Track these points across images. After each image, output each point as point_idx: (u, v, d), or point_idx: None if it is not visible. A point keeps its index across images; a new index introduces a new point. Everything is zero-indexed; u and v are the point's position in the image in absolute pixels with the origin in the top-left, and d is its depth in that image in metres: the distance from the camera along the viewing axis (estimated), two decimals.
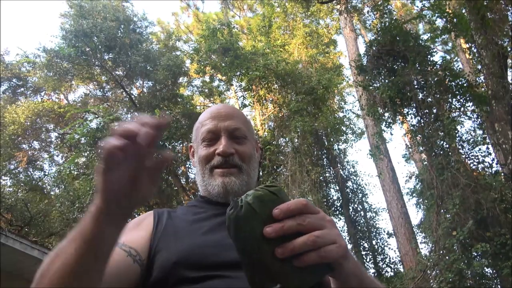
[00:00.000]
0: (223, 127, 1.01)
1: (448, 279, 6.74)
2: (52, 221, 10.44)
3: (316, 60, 14.61)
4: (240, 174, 0.99)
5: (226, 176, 0.98)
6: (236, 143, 1.01)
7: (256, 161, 1.08)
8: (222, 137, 1.00)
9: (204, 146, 1.02)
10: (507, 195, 6.69)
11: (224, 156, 0.98)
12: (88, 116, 13.23)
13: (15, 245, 4.85)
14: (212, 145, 1.01)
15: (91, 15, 12.45)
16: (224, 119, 1.03)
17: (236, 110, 1.10)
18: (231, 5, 20.22)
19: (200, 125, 1.06)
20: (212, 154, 1.00)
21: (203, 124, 1.05)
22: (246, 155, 1.02)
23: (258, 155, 1.12)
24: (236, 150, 1.00)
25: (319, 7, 14.38)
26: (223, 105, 1.11)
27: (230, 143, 1.00)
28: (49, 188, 13.59)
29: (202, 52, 12.92)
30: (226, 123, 1.02)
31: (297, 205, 0.58)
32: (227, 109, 1.07)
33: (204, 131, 1.03)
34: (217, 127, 1.02)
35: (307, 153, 11.79)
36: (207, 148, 1.02)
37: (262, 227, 0.56)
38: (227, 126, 1.02)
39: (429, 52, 8.56)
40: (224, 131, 1.01)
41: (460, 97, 8.15)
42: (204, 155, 1.01)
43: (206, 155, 1.01)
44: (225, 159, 0.98)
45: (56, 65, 12.61)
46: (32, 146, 14.42)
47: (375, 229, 13.23)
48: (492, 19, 7.25)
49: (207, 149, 1.01)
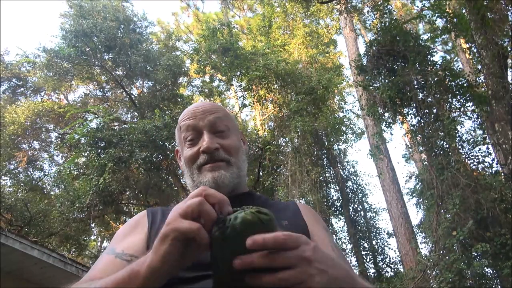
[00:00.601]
0: (203, 123, 0.98)
1: (448, 279, 6.74)
2: (52, 221, 10.43)
3: (316, 60, 14.61)
4: (229, 167, 0.96)
5: (215, 171, 0.94)
6: (219, 137, 0.98)
7: (244, 153, 1.05)
8: (204, 133, 0.97)
9: (188, 146, 0.99)
10: (507, 195, 6.68)
11: (209, 153, 0.95)
12: (88, 116, 13.24)
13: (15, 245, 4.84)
14: (196, 144, 0.98)
15: (91, 15, 12.45)
16: (203, 115, 0.99)
17: (214, 105, 1.06)
18: (231, 5, 20.23)
19: (180, 126, 1.03)
20: (196, 153, 0.97)
21: (182, 124, 1.02)
22: (231, 147, 0.98)
23: (245, 147, 1.09)
24: (220, 145, 0.97)
25: (319, 7, 14.38)
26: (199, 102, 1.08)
27: (213, 138, 0.97)
28: (49, 188, 13.60)
29: (202, 52, 12.92)
30: (206, 119, 0.99)
31: (274, 240, 0.56)
32: (204, 105, 1.04)
33: (184, 129, 1.00)
34: (197, 124, 0.98)
35: (307, 153, 11.79)
36: (191, 147, 0.99)
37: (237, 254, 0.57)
38: (207, 121, 0.98)
39: (429, 52, 8.55)
40: (205, 127, 0.98)
41: (460, 97, 8.15)
42: (189, 155, 0.98)
43: (191, 155, 0.98)
44: (211, 155, 0.95)
45: (56, 65, 12.61)
46: (32, 146, 14.42)
47: (375, 229, 13.23)
48: (492, 19, 7.25)
49: (191, 149, 0.98)
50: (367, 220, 13.34)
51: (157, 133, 9.86)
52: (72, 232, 11.07)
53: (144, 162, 9.71)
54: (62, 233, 10.82)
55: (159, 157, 10.42)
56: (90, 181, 9.45)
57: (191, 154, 0.98)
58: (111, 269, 0.84)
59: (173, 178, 11.94)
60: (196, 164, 0.97)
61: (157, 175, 10.86)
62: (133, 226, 0.97)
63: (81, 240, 11.83)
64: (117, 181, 9.94)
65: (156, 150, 10.09)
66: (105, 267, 0.86)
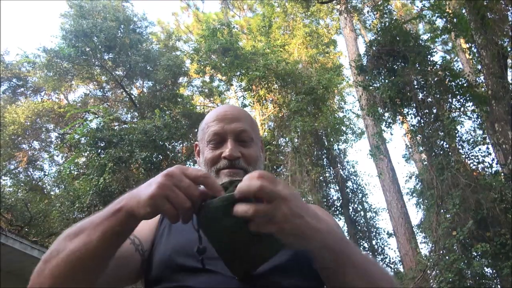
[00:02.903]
0: (229, 130, 1.01)
1: (448, 279, 6.74)
2: (52, 221, 10.43)
3: (316, 60, 14.61)
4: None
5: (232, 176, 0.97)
6: (242, 146, 1.01)
7: (262, 163, 1.09)
8: (228, 140, 1.00)
9: (210, 149, 1.02)
10: (507, 195, 6.68)
11: (230, 160, 0.98)
12: (88, 116, 13.23)
13: (15, 245, 4.85)
14: (218, 148, 1.01)
15: (91, 15, 12.45)
16: (231, 121, 1.02)
17: (242, 112, 1.09)
18: (231, 5, 20.23)
19: (206, 126, 1.05)
20: (218, 157, 1.00)
21: (209, 125, 1.04)
22: (252, 158, 1.02)
23: (263, 155, 1.13)
24: (242, 154, 1.00)
25: (319, 7, 14.39)
26: (229, 106, 1.10)
27: (236, 146, 1.00)
28: (49, 188, 13.60)
29: (202, 52, 12.93)
30: (232, 126, 1.01)
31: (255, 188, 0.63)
32: (233, 111, 1.06)
33: (211, 133, 1.02)
34: (224, 130, 1.01)
35: (307, 153, 11.79)
36: (213, 150, 1.01)
37: (230, 221, 0.65)
38: (233, 129, 1.01)
39: (429, 52, 8.55)
40: (230, 134, 1.01)
41: (460, 97, 8.15)
42: (210, 157, 1.01)
43: (212, 157, 1.00)
44: (231, 162, 0.98)
45: (56, 65, 12.61)
46: (32, 146, 14.43)
47: (375, 229, 13.23)
48: (492, 19, 7.25)
49: (213, 152, 1.01)
50: (367, 220, 13.35)
51: (157, 133, 9.85)
52: None
53: (144, 162, 9.71)
54: None
55: (159, 157, 10.41)
56: (90, 181, 9.44)
57: (212, 157, 1.01)
58: None
59: None
60: (215, 167, 1.00)
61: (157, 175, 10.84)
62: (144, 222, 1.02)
63: None
64: (117, 181, 9.93)
65: (156, 150, 10.08)
66: None
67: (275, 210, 0.62)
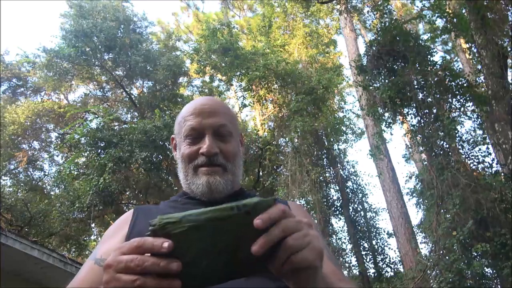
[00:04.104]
0: (207, 125, 0.97)
1: (448, 279, 6.74)
2: (52, 221, 10.44)
3: (316, 60, 14.61)
4: (224, 174, 0.96)
5: (210, 175, 0.94)
6: (220, 141, 0.97)
7: (241, 158, 1.04)
8: (206, 136, 0.96)
9: (188, 144, 0.98)
10: (507, 195, 6.68)
11: (208, 156, 0.95)
12: (88, 116, 13.24)
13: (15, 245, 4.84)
14: (196, 143, 0.97)
15: (91, 15, 12.46)
16: (209, 115, 0.98)
17: (221, 105, 1.04)
18: (231, 5, 20.23)
19: (183, 120, 1.01)
20: (195, 152, 0.96)
21: (186, 119, 1.00)
22: (230, 154, 0.98)
23: (243, 149, 1.09)
24: (220, 149, 0.96)
25: (319, 7, 14.38)
26: (207, 99, 1.04)
27: (215, 141, 0.96)
28: (49, 188, 13.60)
29: (202, 52, 12.92)
30: (210, 120, 0.97)
31: (278, 213, 0.56)
32: (211, 104, 1.01)
33: (187, 128, 0.98)
34: (201, 125, 0.97)
35: (307, 153, 11.80)
36: (190, 146, 0.97)
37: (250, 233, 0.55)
38: (211, 124, 0.97)
39: (429, 52, 8.55)
40: (208, 129, 0.97)
41: (460, 97, 8.15)
42: (188, 153, 0.97)
43: (190, 153, 0.97)
44: (209, 158, 0.95)
45: (56, 65, 12.61)
46: (32, 146, 14.43)
47: (375, 229, 13.23)
48: (492, 19, 7.25)
49: (190, 147, 0.97)
50: (367, 220, 13.34)
51: (157, 133, 9.86)
52: (72, 232, 11.08)
53: (144, 162, 9.71)
54: (62, 233, 10.83)
55: (159, 157, 10.41)
56: (90, 181, 9.45)
57: (190, 153, 0.97)
58: (90, 277, 0.85)
59: (173, 178, 11.93)
60: (192, 164, 0.97)
61: (157, 175, 10.86)
62: (118, 227, 0.96)
63: (81, 240, 11.85)
64: (117, 181, 9.93)
65: (156, 150, 10.08)
66: (86, 275, 0.86)
67: (308, 233, 0.57)
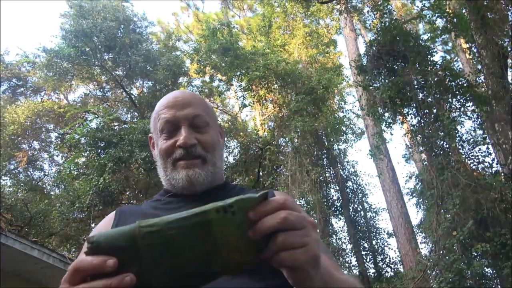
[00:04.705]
0: (181, 116, 0.94)
1: (448, 279, 6.74)
2: (52, 221, 10.43)
3: (316, 60, 14.61)
4: (204, 165, 0.94)
5: (189, 168, 0.92)
6: (197, 132, 0.95)
7: (221, 148, 1.02)
8: (182, 127, 0.93)
9: (164, 139, 0.95)
10: (507, 195, 6.68)
11: (186, 148, 0.92)
12: (88, 116, 13.24)
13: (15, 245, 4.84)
14: (172, 137, 0.94)
15: (91, 15, 12.45)
16: (182, 107, 0.95)
17: (195, 96, 1.02)
18: (231, 5, 20.23)
19: (157, 115, 0.98)
20: (172, 146, 0.94)
21: (160, 114, 0.97)
22: (209, 144, 0.95)
23: (222, 141, 1.06)
24: (198, 140, 0.94)
25: (319, 7, 14.39)
26: (180, 92, 1.01)
27: (191, 133, 0.94)
28: (49, 188, 13.60)
29: (202, 52, 12.92)
30: (184, 112, 0.95)
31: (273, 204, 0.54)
32: (184, 96, 0.99)
33: (162, 122, 0.95)
34: (175, 117, 0.94)
35: (307, 153, 11.80)
36: (166, 140, 0.95)
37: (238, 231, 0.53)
38: (186, 115, 0.94)
39: (429, 52, 8.56)
40: (183, 121, 0.94)
41: (460, 97, 8.15)
42: (165, 148, 0.94)
43: (167, 148, 0.94)
44: (187, 150, 0.92)
45: (56, 65, 12.61)
46: (32, 146, 14.42)
47: (375, 229, 13.24)
48: (492, 19, 7.25)
49: (166, 142, 0.95)
50: (367, 220, 13.35)
51: None
52: (72, 232, 11.06)
53: (144, 162, 9.70)
54: (62, 233, 10.81)
55: None
56: (90, 181, 9.44)
57: (167, 147, 0.94)
58: None
59: None
60: (171, 158, 0.94)
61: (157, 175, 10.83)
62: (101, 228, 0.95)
63: (81, 240, 11.81)
64: (117, 181, 9.93)
65: None
66: None
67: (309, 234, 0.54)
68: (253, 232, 0.53)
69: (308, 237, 0.54)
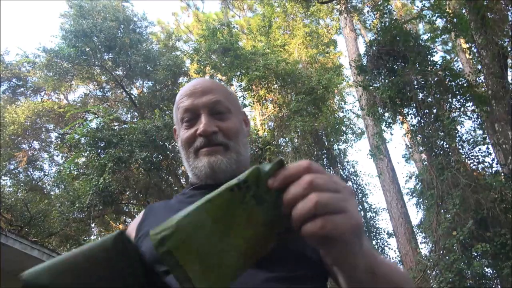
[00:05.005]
0: (201, 104, 0.91)
1: (448, 279, 6.73)
2: (52, 221, 10.43)
3: (316, 60, 14.61)
4: (227, 152, 0.90)
5: (211, 155, 0.89)
6: (218, 119, 0.92)
7: (245, 136, 0.99)
8: (202, 115, 0.91)
9: (185, 128, 0.93)
10: (507, 195, 6.68)
11: (206, 136, 0.89)
12: (88, 116, 13.24)
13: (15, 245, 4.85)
14: (192, 126, 0.92)
15: (91, 15, 12.46)
16: (201, 94, 0.93)
17: (214, 83, 0.99)
18: (231, 5, 20.22)
19: (177, 105, 0.96)
20: (193, 135, 0.91)
21: (179, 103, 0.95)
22: (231, 131, 0.92)
23: (247, 129, 1.02)
24: (219, 127, 0.91)
25: (319, 7, 14.39)
26: (199, 80, 0.99)
27: (211, 120, 0.90)
28: (49, 188, 13.60)
29: (202, 52, 12.92)
30: (203, 99, 0.92)
31: (297, 168, 0.47)
32: (204, 83, 0.96)
33: (181, 111, 0.93)
34: (194, 105, 0.92)
35: (307, 153, 11.79)
36: (187, 129, 0.93)
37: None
38: (205, 102, 0.91)
39: (429, 52, 8.55)
40: (203, 108, 0.91)
41: (460, 97, 8.15)
42: (186, 138, 0.92)
43: (187, 137, 0.92)
44: (208, 139, 0.89)
45: (56, 65, 12.62)
46: (32, 146, 14.42)
47: (375, 229, 13.23)
48: (492, 19, 7.24)
49: (187, 131, 0.92)
50: (367, 220, 13.34)
51: (157, 133, 9.86)
52: (72, 232, 11.07)
53: (144, 162, 9.70)
54: (62, 233, 10.82)
55: (159, 157, 10.41)
56: (90, 181, 9.44)
57: (188, 137, 0.92)
58: None
59: (173, 178, 11.93)
60: (192, 148, 0.92)
61: (157, 175, 10.85)
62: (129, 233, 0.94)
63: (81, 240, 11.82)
64: (117, 181, 9.93)
65: (156, 150, 10.08)
66: None
67: (347, 198, 0.47)
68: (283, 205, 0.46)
69: (347, 202, 0.46)
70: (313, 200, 0.43)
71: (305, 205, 0.44)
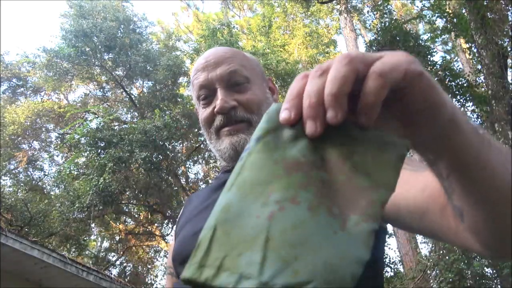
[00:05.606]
0: (215, 77, 0.82)
1: (448, 279, 6.74)
2: (52, 221, 10.43)
3: (316, 60, 14.62)
4: (250, 129, 0.81)
5: (233, 135, 0.81)
6: (237, 91, 0.82)
7: (271, 103, 0.80)
8: (218, 90, 0.82)
9: (202, 106, 0.85)
10: None
11: (225, 113, 0.80)
12: (88, 116, 13.24)
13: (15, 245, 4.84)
14: (210, 103, 0.83)
15: (91, 15, 12.46)
16: (215, 66, 0.83)
17: (228, 51, 0.88)
18: (231, 5, 20.23)
19: (192, 82, 0.88)
20: (212, 114, 0.83)
21: (193, 80, 0.87)
22: (252, 103, 0.82)
23: (275, 97, 0.92)
24: (238, 101, 0.81)
25: (319, 7, 14.39)
26: (212, 50, 0.89)
27: (229, 94, 0.81)
28: (49, 188, 13.60)
29: (202, 52, 12.91)
30: (218, 71, 0.82)
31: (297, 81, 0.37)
32: (216, 53, 0.86)
33: (197, 88, 0.85)
34: (208, 79, 0.83)
35: None
36: (205, 108, 0.84)
37: None
38: (219, 75, 0.82)
39: (429, 52, 8.56)
40: (218, 82, 0.82)
41: (460, 97, 8.15)
42: (204, 117, 0.84)
43: (206, 117, 0.84)
44: (227, 116, 0.81)
45: (56, 65, 12.62)
46: (32, 146, 14.43)
47: None
48: (492, 19, 7.25)
49: (205, 110, 0.84)
50: None
51: (157, 133, 9.86)
52: (72, 232, 11.06)
53: (144, 162, 9.71)
54: (62, 233, 10.82)
55: (159, 157, 10.41)
56: (90, 181, 9.44)
57: (206, 116, 0.84)
58: (169, 286, 0.85)
59: (173, 178, 11.94)
60: (213, 128, 0.83)
61: (157, 175, 10.85)
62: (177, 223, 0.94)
63: (81, 240, 11.82)
64: (117, 181, 9.93)
65: (156, 150, 10.09)
66: (167, 286, 0.87)
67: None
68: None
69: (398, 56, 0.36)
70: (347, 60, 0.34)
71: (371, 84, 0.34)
